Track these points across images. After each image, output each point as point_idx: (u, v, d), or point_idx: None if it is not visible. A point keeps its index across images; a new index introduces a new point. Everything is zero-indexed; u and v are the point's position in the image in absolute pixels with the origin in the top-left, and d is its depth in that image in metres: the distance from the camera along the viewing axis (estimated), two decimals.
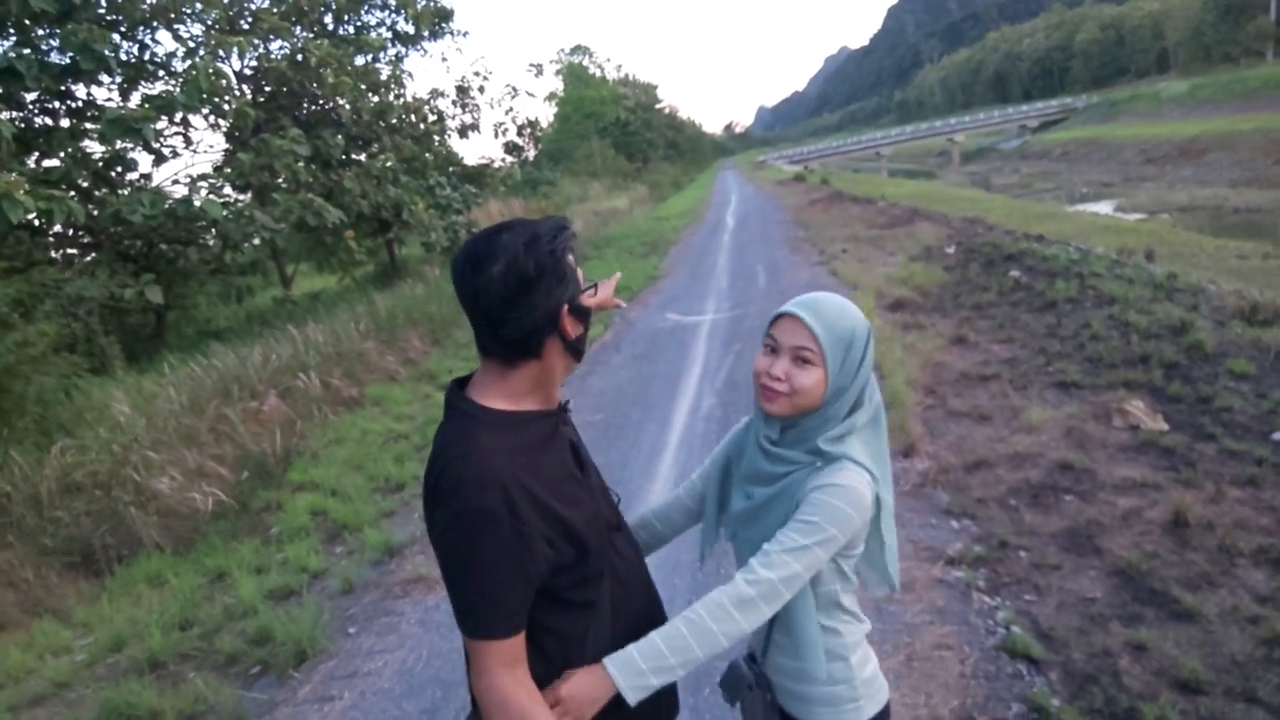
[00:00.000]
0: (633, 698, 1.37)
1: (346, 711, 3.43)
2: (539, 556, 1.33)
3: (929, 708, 2.89)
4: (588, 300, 1.48)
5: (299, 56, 13.76)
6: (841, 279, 11.08)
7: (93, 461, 6.04)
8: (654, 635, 1.41)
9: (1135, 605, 3.30)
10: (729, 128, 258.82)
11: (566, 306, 1.41)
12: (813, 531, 1.42)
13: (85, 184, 10.57)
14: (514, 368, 1.42)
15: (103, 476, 5.95)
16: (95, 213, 9.61)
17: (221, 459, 6.89)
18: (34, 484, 5.66)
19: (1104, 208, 26.89)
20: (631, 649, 1.40)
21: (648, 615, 1.60)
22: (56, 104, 11.23)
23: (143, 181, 12.01)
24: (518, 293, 1.35)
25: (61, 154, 10.26)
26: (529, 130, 31.47)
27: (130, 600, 4.75)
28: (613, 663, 1.38)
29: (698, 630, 1.39)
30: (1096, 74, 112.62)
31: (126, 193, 10.57)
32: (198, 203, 10.24)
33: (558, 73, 53.87)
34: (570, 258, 1.42)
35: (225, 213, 10.76)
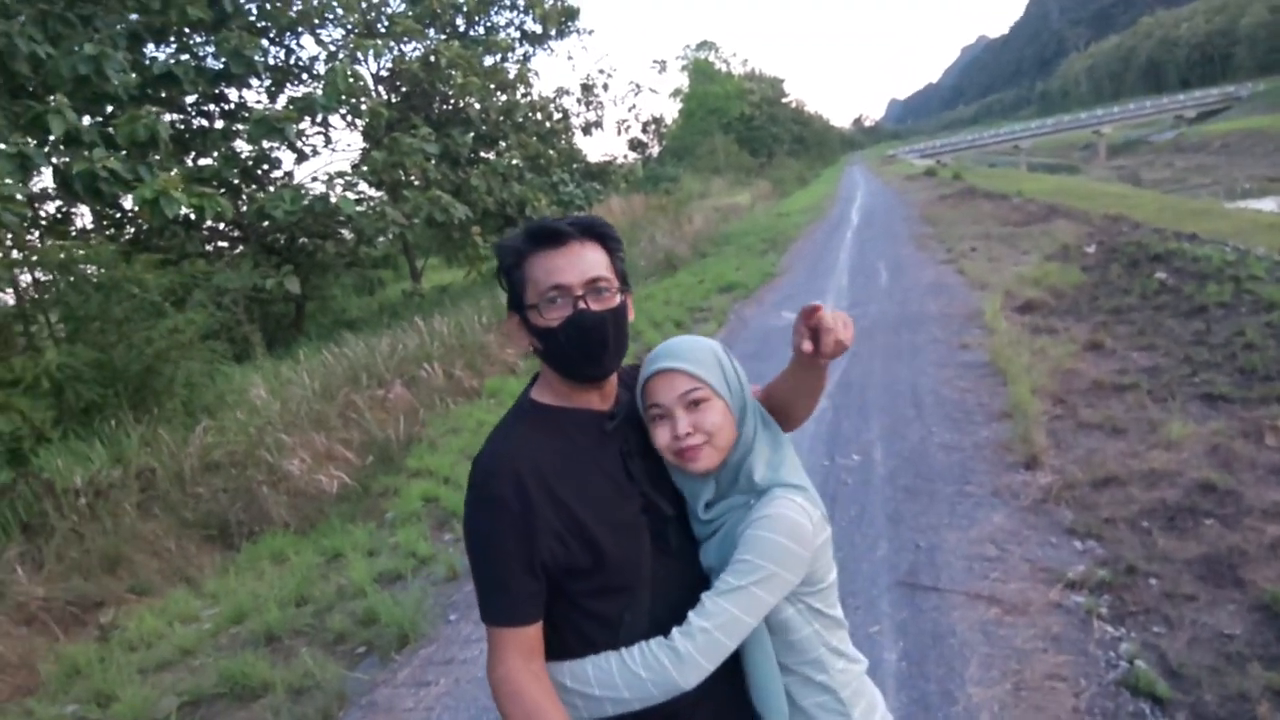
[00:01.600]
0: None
1: (440, 697, 3.52)
2: (546, 551, 1.33)
3: None
4: (537, 320, 1.39)
5: (431, 58, 14.29)
6: (968, 278, 10.60)
7: (231, 442, 6.43)
8: (588, 659, 1.37)
9: None
10: (858, 121, 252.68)
11: (514, 314, 1.45)
12: (747, 572, 1.33)
13: (234, 181, 11.30)
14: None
15: (239, 456, 6.33)
16: (242, 208, 10.27)
17: (348, 443, 7.21)
18: (179, 461, 6.07)
19: (1269, 204, 24.74)
20: (570, 664, 1.38)
21: None
22: (211, 106, 12.06)
23: (285, 179, 12.76)
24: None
25: (214, 154, 11.00)
26: (653, 127, 31.69)
27: (254, 574, 5.03)
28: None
29: (625, 671, 1.34)
30: (1263, 60, 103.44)
31: (271, 190, 11.25)
32: (334, 199, 10.79)
33: (683, 69, 53.97)
34: (519, 270, 1.41)
35: (359, 209, 11.30)
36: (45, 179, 8.72)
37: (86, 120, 8.57)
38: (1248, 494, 4.09)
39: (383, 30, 14.26)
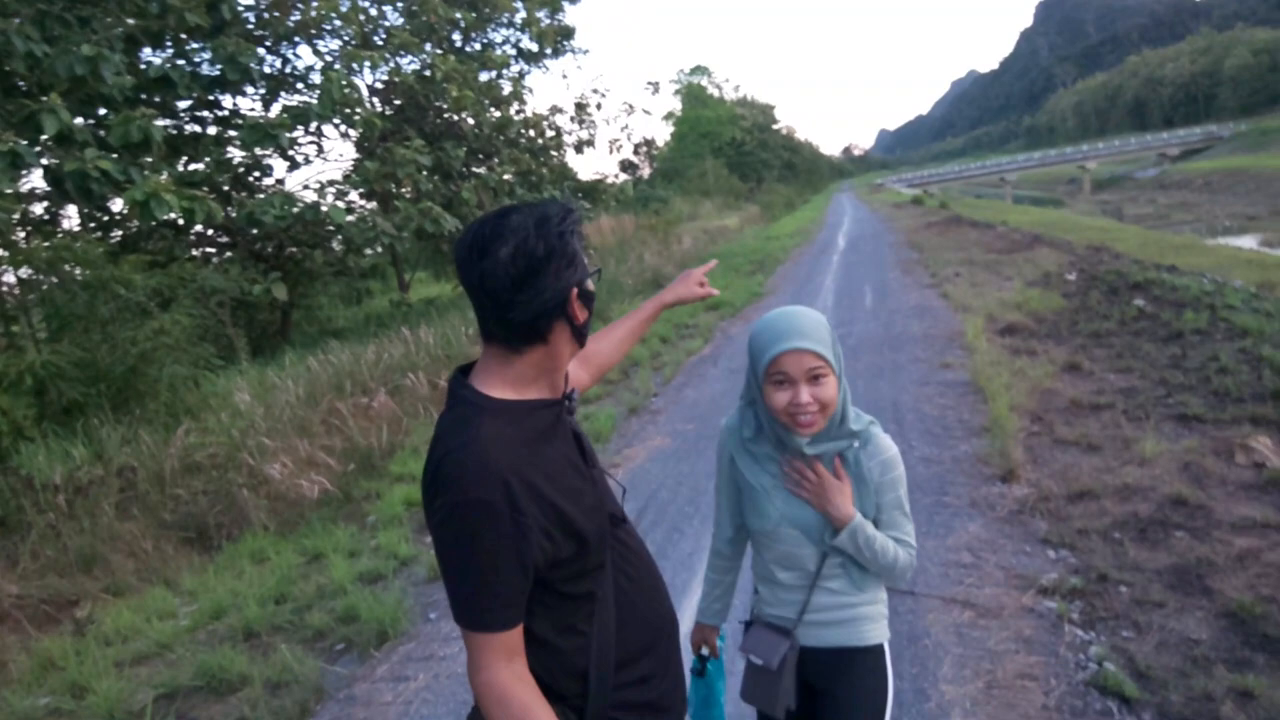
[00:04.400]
0: (842, 538, 1.69)
1: (419, 692, 3.52)
2: (537, 549, 1.31)
3: None
4: (590, 284, 1.45)
5: (426, 71, 14.36)
6: (952, 301, 10.72)
7: (213, 444, 6.41)
8: (870, 529, 1.70)
9: (1245, 650, 3.06)
10: (847, 150, 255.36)
11: (575, 290, 1.39)
12: (905, 498, 1.78)
13: (225, 186, 11.30)
14: (519, 353, 1.39)
15: (221, 459, 6.32)
16: (232, 213, 10.26)
17: (330, 450, 7.21)
18: (159, 462, 6.05)
19: (1248, 242, 25.13)
20: (867, 526, 1.70)
21: (655, 608, 1.58)
22: (205, 112, 12.08)
23: (277, 186, 12.77)
24: (527, 275, 1.32)
25: (206, 158, 11.00)
26: (645, 148, 31.88)
27: (233, 573, 5.01)
28: (861, 521, 1.69)
29: (888, 549, 1.71)
30: (1246, 101, 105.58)
31: (261, 196, 11.26)
32: (325, 208, 10.81)
33: (676, 92, 54.45)
34: (578, 240, 1.40)
35: (350, 218, 11.32)
36: (35, 179, 8.72)
37: (80, 121, 8.58)
38: (1217, 508, 4.17)
39: (380, 43, 14.35)
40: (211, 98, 11.74)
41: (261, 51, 11.92)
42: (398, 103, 15.34)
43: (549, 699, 1.35)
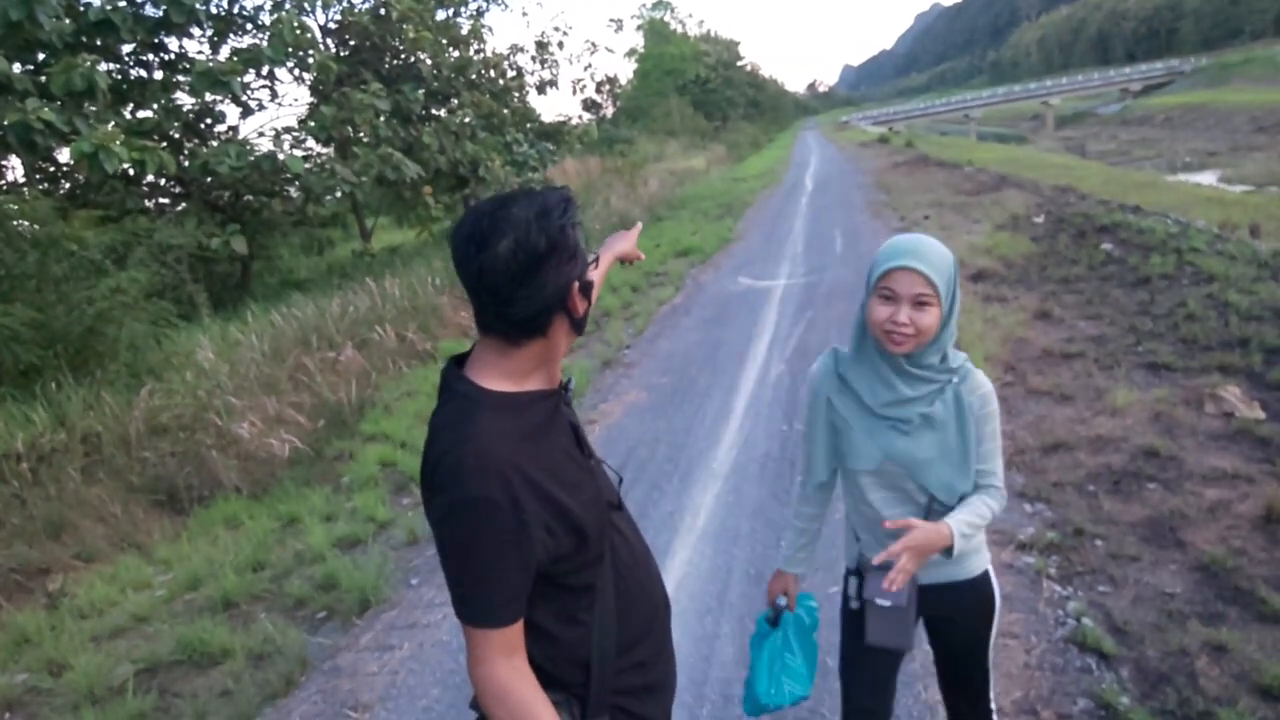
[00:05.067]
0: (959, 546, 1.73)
1: (405, 661, 3.51)
2: (538, 545, 1.30)
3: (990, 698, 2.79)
4: (591, 274, 1.42)
5: (382, 10, 13.86)
6: None
7: (178, 405, 6.27)
8: (960, 518, 1.75)
9: (1218, 604, 3.14)
10: (812, 86, 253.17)
11: (576, 284, 1.36)
12: (999, 446, 1.87)
13: (176, 135, 10.89)
14: (517, 346, 1.36)
15: (187, 420, 6.19)
16: (185, 163, 9.90)
17: (299, 407, 7.09)
18: (123, 424, 5.90)
19: (1207, 178, 25.45)
20: (960, 523, 1.74)
21: (649, 592, 1.58)
22: (150, 56, 11.56)
23: (230, 134, 12.33)
24: (528, 270, 1.28)
25: (154, 106, 10.57)
26: (608, 87, 31.32)
27: (208, 540, 4.94)
28: (954, 525, 1.73)
29: (985, 516, 1.80)
30: (1207, 35, 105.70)
31: (215, 145, 10.87)
32: (281, 156, 10.48)
33: (639, 29, 53.29)
34: (579, 232, 1.37)
35: (307, 166, 10.99)
36: None
37: (18, 68, 8.16)
38: (1188, 459, 4.25)
39: None
40: (156, 41, 11.21)
41: None
42: (352, 44, 14.82)
43: (551, 688, 1.37)
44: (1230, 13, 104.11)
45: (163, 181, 11.16)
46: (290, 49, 10.98)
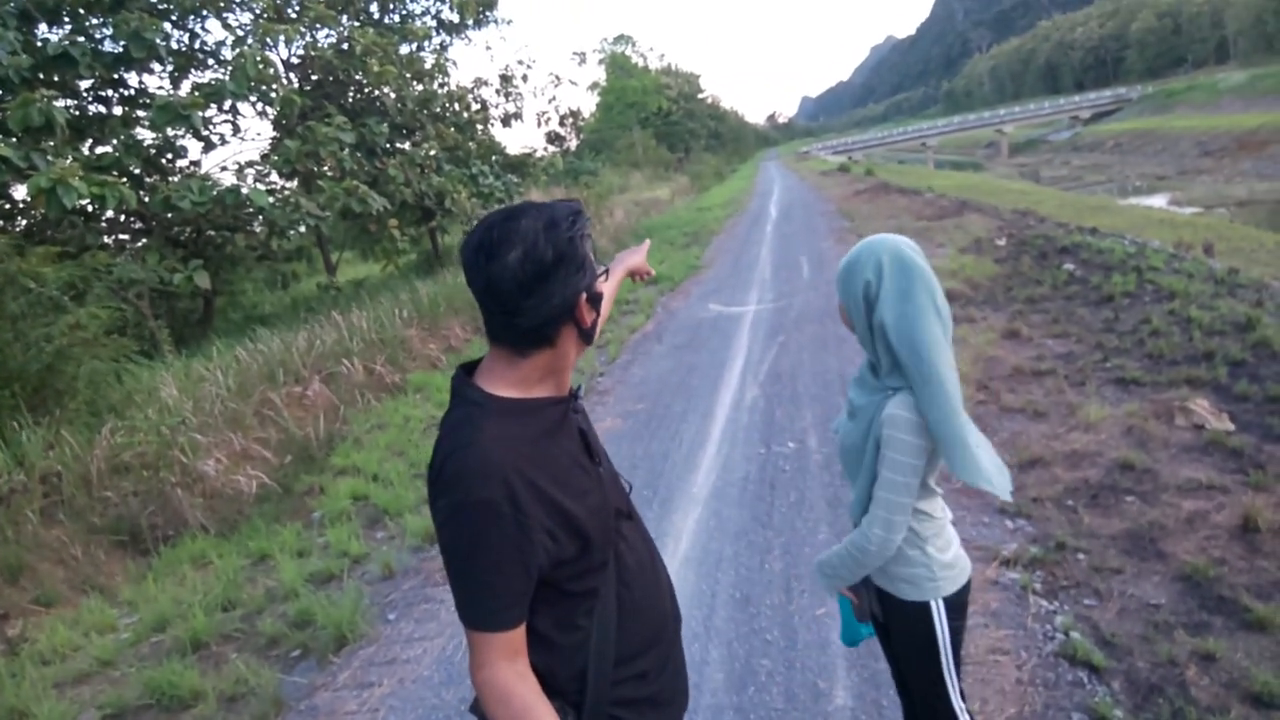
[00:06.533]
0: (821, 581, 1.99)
1: (385, 699, 3.41)
2: (540, 549, 1.30)
3: (985, 715, 2.77)
4: (601, 286, 1.42)
5: (345, 45, 13.86)
6: None
7: (141, 443, 6.11)
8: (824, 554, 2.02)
9: (1202, 613, 3.15)
10: (772, 118, 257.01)
11: (584, 295, 1.36)
12: (889, 479, 1.87)
13: (137, 170, 10.75)
14: (525, 356, 1.37)
15: (150, 458, 6.03)
16: (146, 199, 9.75)
17: (266, 442, 6.96)
18: (84, 464, 5.74)
19: (1158, 201, 26.20)
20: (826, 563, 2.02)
21: (655, 604, 1.56)
22: (109, 92, 11.44)
23: (192, 168, 12.21)
24: (535, 281, 1.29)
25: (114, 141, 10.43)
26: (571, 120, 31.55)
27: (175, 580, 4.79)
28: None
29: (851, 559, 1.96)
30: (1152, 64, 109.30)
31: (176, 179, 10.73)
32: (245, 190, 10.37)
33: (601, 62, 53.84)
34: (587, 244, 1.38)
35: (271, 200, 10.88)
36: None
37: None
38: (1163, 472, 4.30)
39: (294, 15, 13.74)
40: (116, 76, 11.10)
41: (168, 26, 11.34)
42: (316, 78, 14.80)
43: (547, 695, 1.36)
44: (1173, 42, 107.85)
45: (123, 217, 10.99)
46: (253, 83, 10.91)
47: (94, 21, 10.51)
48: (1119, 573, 3.49)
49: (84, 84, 10.71)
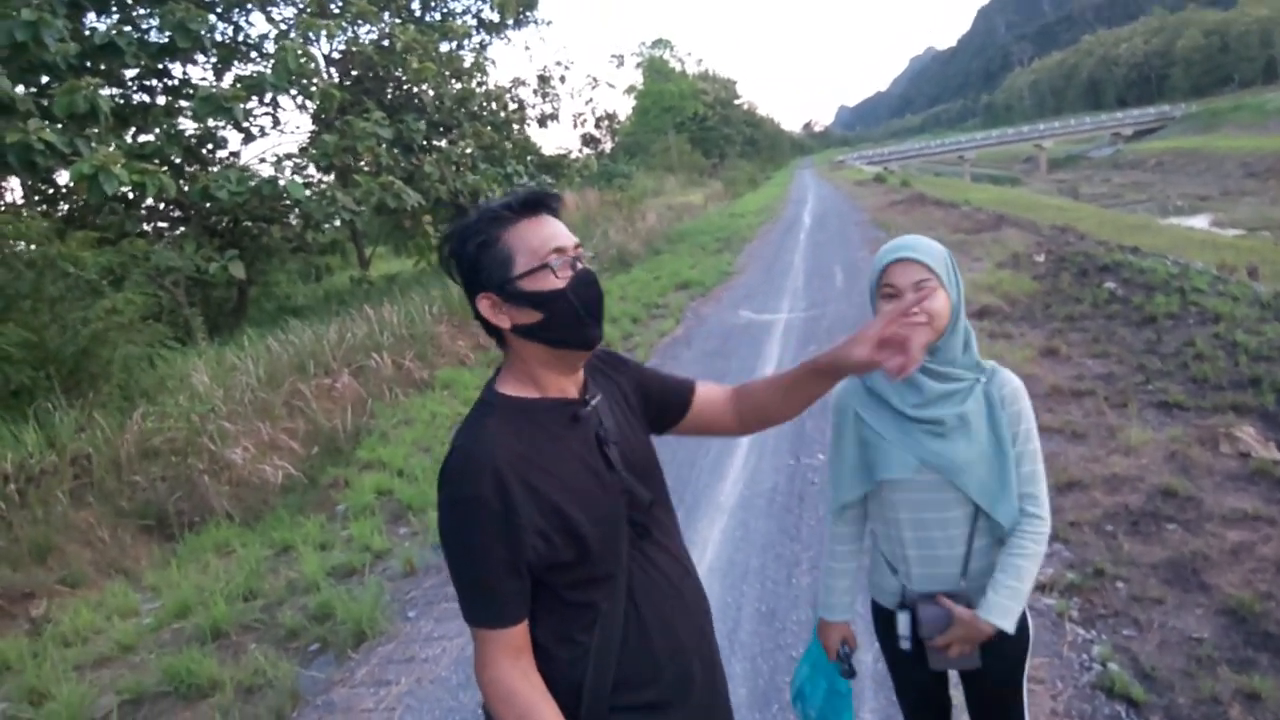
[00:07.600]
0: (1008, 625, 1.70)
1: (402, 697, 3.37)
2: (529, 549, 1.30)
3: None
4: (538, 285, 1.34)
5: (385, 41, 13.93)
6: None
7: (171, 428, 6.15)
8: (995, 598, 1.70)
9: (1247, 649, 3.03)
10: (808, 126, 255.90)
11: (489, 296, 1.36)
12: (1038, 456, 1.80)
13: (177, 160, 10.85)
14: (505, 351, 1.44)
15: (179, 444, 6.07)
16: (185, 188, 9.85)
17: (293, 433, 6.99)
18: (114, 447, 5.79)
19: (1200, 222, 25.68)
20: (1003, 591, 1.70)
21: (674, 634, 1.46)
22: (154, 81, 11.58)
23: (231, 159, 12.31)
24: (464, 281, 1.38)
25: (156, 130, 10.53)
26: (607, 122, 31.54)
27: (198, 567, 4.81)
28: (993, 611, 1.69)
29: (1030, 569, 1.73)
30: (1197, 82, 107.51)
31: (216, 170, 10.83)
32: (282, 182, 10.44)
33: (638, 65, 53.81)
34: (498, 245, 1.34)
35: (308, 193, 10.95)
36: None
37: (21, 89, 8.13)
38: (1207, 500, 4.16)
39: (336, 11, 13.85)
40: (160, 66, 11.24)
41: (213, 18, 11.42)
42: (355, 74, 14.89)
43: None
44: (1220, 60, 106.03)
45: (162, 205, 11.13)
46: (293, 77, 10.99)
47: (141, 12, 10.64)
48: (1160, 603, 3.38)
49: (129, 73, 10.85)
